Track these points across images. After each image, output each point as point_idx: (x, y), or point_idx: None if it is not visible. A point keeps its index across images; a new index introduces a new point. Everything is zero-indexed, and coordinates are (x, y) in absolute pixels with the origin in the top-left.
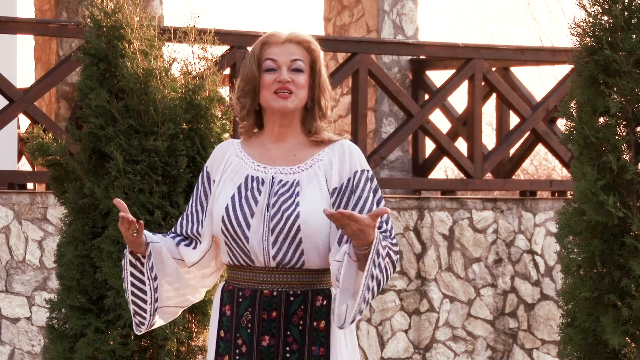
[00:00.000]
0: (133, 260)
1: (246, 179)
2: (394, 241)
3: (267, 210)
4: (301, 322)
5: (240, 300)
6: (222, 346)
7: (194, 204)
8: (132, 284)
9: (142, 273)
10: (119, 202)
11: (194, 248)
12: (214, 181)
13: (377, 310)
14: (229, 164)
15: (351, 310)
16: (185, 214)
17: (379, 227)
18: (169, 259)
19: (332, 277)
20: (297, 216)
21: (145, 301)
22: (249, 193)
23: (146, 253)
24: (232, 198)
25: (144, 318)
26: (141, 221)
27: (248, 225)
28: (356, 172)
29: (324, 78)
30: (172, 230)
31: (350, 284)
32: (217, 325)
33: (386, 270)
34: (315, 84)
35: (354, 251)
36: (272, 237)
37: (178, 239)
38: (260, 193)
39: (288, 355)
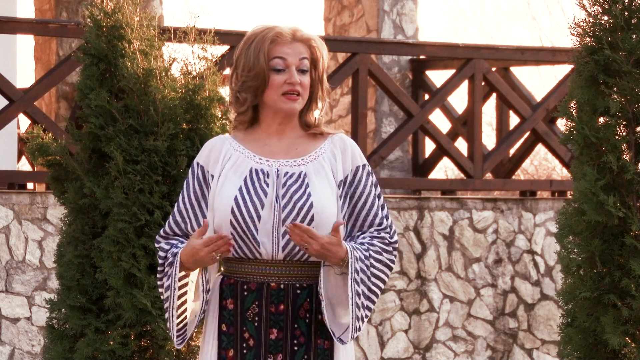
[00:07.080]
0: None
1: (250, 171)
2: (394, 239)
3: (277, 202)
4: (307, 315)
5: (245, 293)
6: (225, 340)
7: (187, 200)
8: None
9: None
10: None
11: None
12: (212, 176)
13: (377, 310)
14: (228, 158)
15: (348, 332)
16: (176, 211)
17: (380, 225)
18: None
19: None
20: (311, 206)
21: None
22: (256, 184)
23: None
24: (240, 190)
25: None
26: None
27: (259, 217)
28: (358, 166)
29: (323, 74)
30: (166, 230)
31: (337, 295)
32: (218, 319)
33: (378, 278)
34: (316, 81)
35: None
36: (284, 228)
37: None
38: (268, 185)
39: (296, 348)
